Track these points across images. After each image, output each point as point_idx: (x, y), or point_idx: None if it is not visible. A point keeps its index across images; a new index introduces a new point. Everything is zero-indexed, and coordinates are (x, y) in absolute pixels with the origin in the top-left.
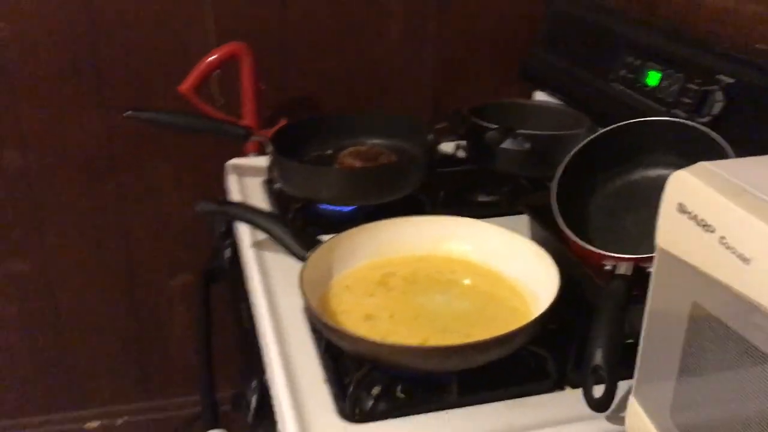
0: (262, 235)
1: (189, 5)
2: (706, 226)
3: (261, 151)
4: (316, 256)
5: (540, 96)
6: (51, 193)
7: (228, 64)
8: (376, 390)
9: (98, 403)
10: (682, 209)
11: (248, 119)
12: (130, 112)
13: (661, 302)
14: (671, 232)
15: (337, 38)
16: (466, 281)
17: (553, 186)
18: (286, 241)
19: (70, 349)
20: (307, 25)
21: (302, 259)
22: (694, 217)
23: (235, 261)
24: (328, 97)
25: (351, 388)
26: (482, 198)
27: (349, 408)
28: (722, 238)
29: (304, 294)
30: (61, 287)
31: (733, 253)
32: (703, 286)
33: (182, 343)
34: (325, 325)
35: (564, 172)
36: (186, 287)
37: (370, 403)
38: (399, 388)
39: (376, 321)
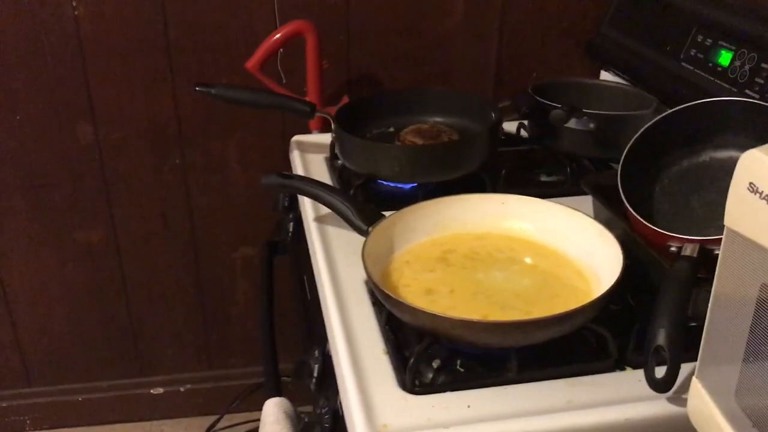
0: (324, 210)
1: None
2: None
3: (324, 129)
4: (377, 230)
5: (606, 76)
6: (119, 165)
7: (293, 42)
8: (436, 363)
9: (163, 371)
10: (753, 189)
11: (312, 96)
12: (199, 87)
13: (728, 284)
14: (741, 212)
15: (400, 16)
16: (527, 260)
17: (619, 166)
18: (348, 215)
19: (136, 318)
20: (369, 2)
21: (364, 233)
22: (766, 197)
23: (298, 234)
24: (390, 75)
25: (411, 360)
26: (544, 178)
27: (410, 379)
28: None
29: (366, 267)
30: (129, 257)
31: None
32: None
33: (244, 315)
34: (388, 297)
35: (629, 152)
36: (248, 260)
37: (430, 375)
38: (458, 362)
39: (436, 296)
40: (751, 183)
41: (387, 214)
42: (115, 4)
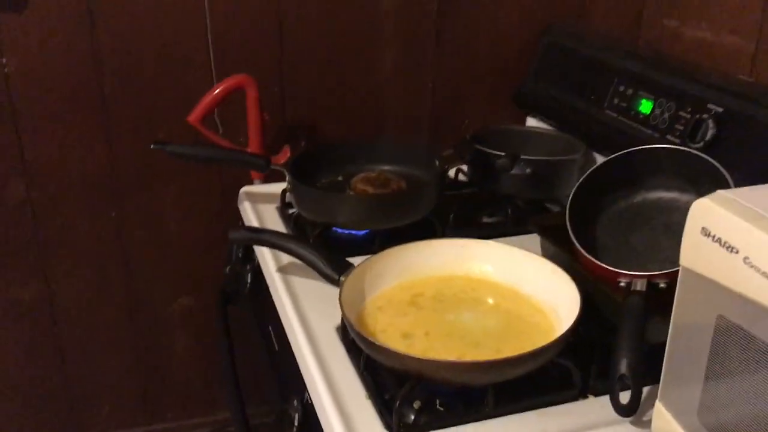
0: (285, 260)
1: (191, 39)
2: (730, 248)
3: (265, 178)
4: (350, 279)
5: (531, 122)
6: (54, 222)
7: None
8: (417, 404)
9: (100, 429)
10: (705, 233)
11: (253, 147)
12: (154, 145)
13: (685, 316)
14: (695, 253)
15: (335, 68)
16: (490, 300)
17: (567, 209)
18: (319, 266)
19: (72, 376)
20: (304, 56)
21: (336, 282)
22: (718, 240)
23: (257, 285)
24: (327, 124)
25: (397, 403)
26: (486, 219)
27: (396, 422)
28: (746, 258)
29: (346, 316)
30: (63, 313)
31: (757, 271)
32: (728, 301)
33: (183, 366)
34: (372, 344)
35: (574, 196)
36: (187, 310)
37: (412, 416)
38: (437, 401)
39: (414, 339)
40: (703, 227)
41: (353, 260)
42: (48, 59)
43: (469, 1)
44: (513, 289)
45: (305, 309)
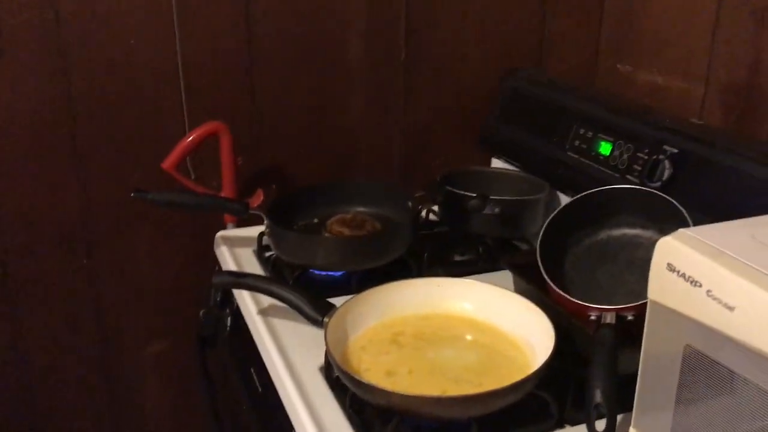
0: (265, 303)
1: (164, 84)
2: (694, 282)
3: (238, 222)
4: (334, 320)
5: (496, 162)
6: (24, 271)
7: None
8: None
9: None
10: (671, 268)
11: (227, 191)
12: (135, 194)
13: (655, 345)
14: (662, 287)
15: (307, 111)
16: (468, 336)
17: (537, 248)
18: (302, 308)
19: (41, 427)
20: (275, 102)
21: (319, 323)
22: (683, 275)
23: (236, 328)
24: (298, 167)
25: None
26: (458, 258)
27: None
28: (709, 291)
29: (331, 356)
30: (34, 361)
31: (719, 303)
32: (694, 331)
33: (156, 410)
34: (359, 383)
35: (544, 235)
36: (160, 355)
37: None
38: None
39: (397, 377)
40: (669, 263)
41: (332, 301)
42: (19, 106)
43: (435, 49)
44: (490, 325)
45: (288, 350)
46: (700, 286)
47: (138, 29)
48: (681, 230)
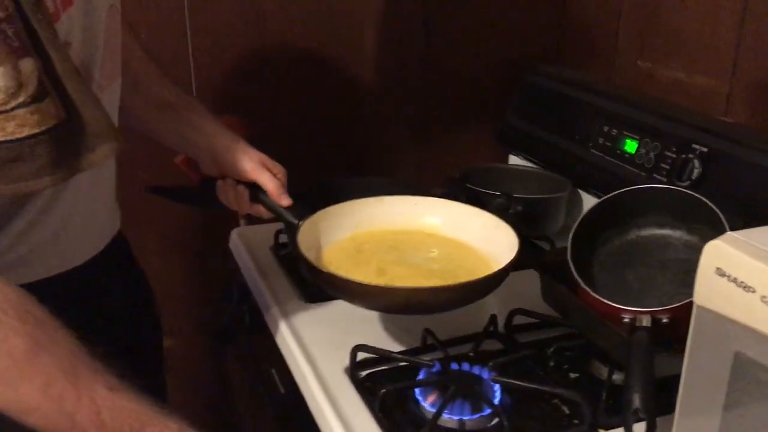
0: (286, 301)
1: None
2: (746, 288)
3: (250, 219)
4: (307, 224)
5: (514, 160)
6: None
7: None
8: None
9: None
10: (720, 273)
11: None
12: (148, 190)
13: (701, 351)
14: (710, 291)
15: (317, 109)
16: (435, 251)
17: (569, 249)
18: (281, 213)
19: None
20: (286, 98)
21: (295, 226)
22: (734, 280)
23: (254, 327)
24: (310, 164)
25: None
26: None
27: None
28: (764, 297)
29: (304, 257)
30: None
31: None
32: (746, 338)
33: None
34: (349, 282)
35: (574, 236)
36: (169, 352)
37: None
38: None
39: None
40: (718, 268)
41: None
42: None
43: (451, 44)
44: (460, 241)
45: (311, 351)
46: (754, 291)
47: (149, 24)
48: (729, 233)
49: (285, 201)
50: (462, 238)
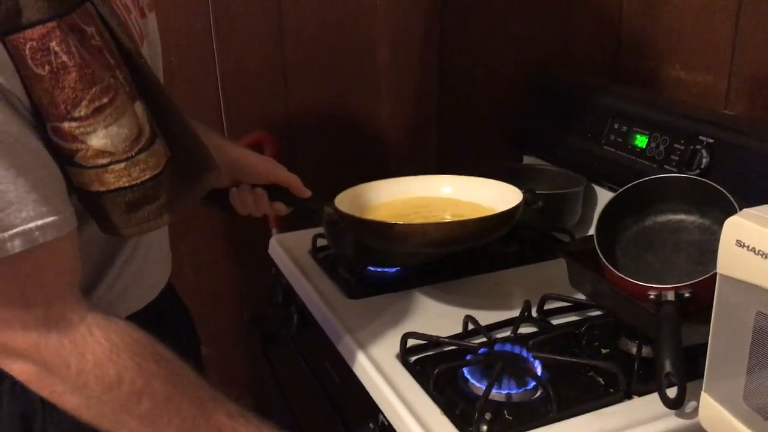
0: (332, 298)
1: (204, 101)
2: (764, 255)
3: (282, 227)
4: (341, 196)
5: (527, 159)
6: None
7: None
8: (488, 416)
9: None
10: (740, 244)
11: None
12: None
13: (725, 315)
14: (731, 261)
15: (334, 117)
16: (450, 213)
17: (595, 235)
18: (301, 202)
19: None
20: (308, 110)
21: (320, 211)
22: (752, 249)
23: (302, 325)
24: (331, 171)
25: (476, 415)
26: (503, 249)
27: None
28: None
29: (344, 213)
30: None
31: None
32: (765, 299)
33: None
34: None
35: (598, 223)
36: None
37: (485, 427)
38: (505, 411)
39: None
40: (738, 240)
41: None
42: None
43: (466, 50)
44: (473, 203)
45: (362, 341)
46: None
47: (178, 47)
48: (746, 210)
49: (307, 193)
50: (474, 200)
